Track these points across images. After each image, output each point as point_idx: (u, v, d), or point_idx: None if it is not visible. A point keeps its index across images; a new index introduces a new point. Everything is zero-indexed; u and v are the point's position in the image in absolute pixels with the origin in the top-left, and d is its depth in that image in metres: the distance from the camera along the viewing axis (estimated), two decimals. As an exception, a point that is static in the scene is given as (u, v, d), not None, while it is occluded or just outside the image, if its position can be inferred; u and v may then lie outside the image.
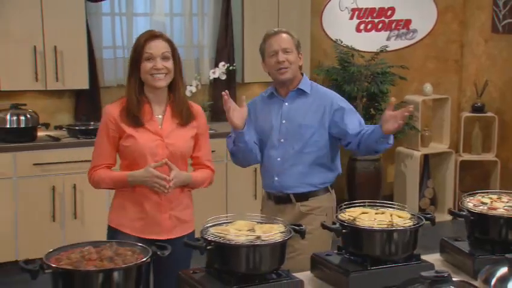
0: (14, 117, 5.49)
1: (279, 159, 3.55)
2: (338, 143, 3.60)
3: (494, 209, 2.81)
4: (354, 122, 3.51)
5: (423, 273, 2.31)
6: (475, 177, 7.48)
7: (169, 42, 3.19)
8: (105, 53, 6.26)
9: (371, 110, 6.88)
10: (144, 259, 2.26)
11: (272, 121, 3.57)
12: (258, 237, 2.46)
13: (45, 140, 5.60)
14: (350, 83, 6.64)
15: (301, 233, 2.54)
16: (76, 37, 5.79)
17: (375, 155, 3.68)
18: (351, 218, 2.65)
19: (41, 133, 5.67)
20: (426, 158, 7.19)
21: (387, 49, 7.00)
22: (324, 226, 2.65)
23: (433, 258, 2.82)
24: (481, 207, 2.82)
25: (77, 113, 6.14)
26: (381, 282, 2.56)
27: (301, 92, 3.57)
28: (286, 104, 3.57)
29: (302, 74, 3.63)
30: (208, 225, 2.58)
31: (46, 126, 5.70)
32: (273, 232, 2.49)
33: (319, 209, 3.55)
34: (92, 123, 5.93)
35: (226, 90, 3.37)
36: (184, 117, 3.19)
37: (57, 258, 2.27)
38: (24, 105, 5.64)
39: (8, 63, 5.55)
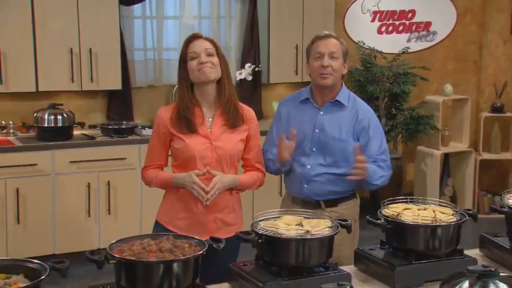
0: (52, 117, 5.56)
1: (309, 166, 3.40)
2: None
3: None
4: (374, 147, 3.40)
5: (470, 267, 2.34)
6: (493, 176, 7.49)
7: (211, 41, 3.17)
8: (136, 54, 6.31)
9: (392, 110, 6.90)
10: (201, 251, 2.30)
11: (305, 128, 3.41)
12: (308, 232, 2.49)
13: (81, 139, 5.66)
14: (373, 83, 6.66)
15: (348, 228, 2.57)
16: (110, 39, 5.85)
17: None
18: (395, 213, 2.68)
19: (76, 132, 5.74)
20: (446, 157, 7.20)
21: (408, 50, 7.01)
22: (369, 221, 2.67)
23: (472, 253, 2.83)
24: (522, 204, 2.83)
25: (109, 113, 6.19)
26: (425, 276, 2.60)
27: (338, 104, 3.41)
28: (321, 113, 3.41)
29: (342, 84, 3.47)
30: (258, 219, 2.61)
31: (81, 125, 5.77)
32: (321, 227, 2.53)
33: (345, 217, 3.35)
34: (124, 122, 5.99)
35: (287, 141, 3.27)
36: (231, 117, 3.13)
37: (120, 249, 2.32)
38: (61, 105, 5.70)
39: (45, 65, 5.61)
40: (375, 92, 6.63)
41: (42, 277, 2.05)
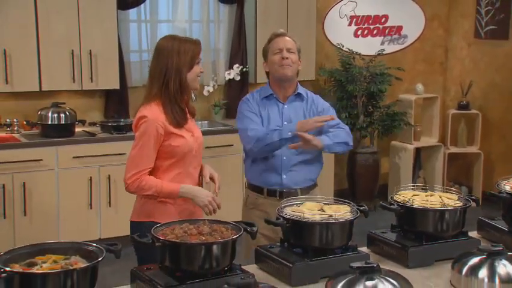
0: (55, 115, 5.54)
1: (284, 158, 3.46)
2: None
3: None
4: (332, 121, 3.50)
5: (481, 247, 2.44)
6: (460, 168, 7.66)
7: None
8: (132, 56, 6.32)
9: (369, 108, 7.01)
10: (239, 234, 2.35)
11: (273, 122, 3.48)
12: (330, 216, 2.56)
13: (83, 135, 5.66)
14: (352, 83, 6.76)
15: (365, 213, 2.64)
16: (109, 42, 5.85)
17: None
18: (406, 199, 2.76)
19: (78, 129, 5.73)
20: (418, 151, 7.35)
21: (383, 52, 7.13)
22: (383, 207, 2.75)
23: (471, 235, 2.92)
24: (518, 189, 2.94)
25: (106, 111, 6.19)
26: (435, 255, 2.68)
27: (299, 96, 3.54)
28: (286, 106, 3.51)
29: (297, 82, 3.57)
30: (283, 205, 2.67)
31: (83, 122, 5.75)
32: (342, 212, 2.60)
33: None
34: (122, 120, 6.00)
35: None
36: (191, 111, 3.21)
37: (163, 233, 2.35)
38: (64, 103, 5.69)
39: (48, 66, 5.59)
40: (354, 91, 6.74)
41: (100, 258, 2.09)
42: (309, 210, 2.62)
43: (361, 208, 2.64)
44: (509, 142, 7.21)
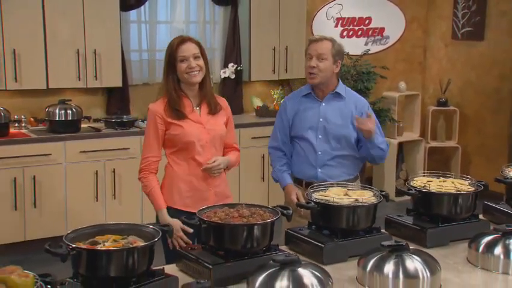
0: (62, 111, 5.57)
1: (320, 153, 3.45)
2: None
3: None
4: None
5: (497, 227, 2.56)
6: (439, 161, 7.82)
7: (197, 43, 3.24)
8: (132, 55, 6.35)
9: (356, 105, 7.12)
10: (277, 216, 2.44)
11: (311, 119, 3.49)
12: (356, 200, 2.66)
13: (89, 131, 5.69)
14: (342, 81, 6.87)
15: (386, 197, 2.75)
16: (112, 42, 5.88)
17: (374, 163, 3.85)
18: (422, 184, 2.87)
19: (83, 125, 5.75)
20: (400, 145, 7.50)
21: (369, 52, 7.26)
22: (401, 191, 2.86)
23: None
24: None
25: (108, 108, 6.22)
26: (450, 236, 2.80)
27: (338, 95, 3.50)
28: (323, 104, 3.49)
29: (338, 80, 3.55)
30: (311, 191, 2.76)
31: (88, 118, 5.78)
32: (367, 196, 2.70)
33: None
34: (124, 116, 6.03)
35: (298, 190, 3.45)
36: (213, 105, 3.26)
37: (208, 215, 2.43)
38: (70, 100, 5.72)
39: (55, 64, 5.62)
40: (343, 88, 6.84)
41: (157, 238, 2.16)
42: (336, 195, 2.72)
43: (383, 193, 2.74)
44: (484, 136, 7.40)
